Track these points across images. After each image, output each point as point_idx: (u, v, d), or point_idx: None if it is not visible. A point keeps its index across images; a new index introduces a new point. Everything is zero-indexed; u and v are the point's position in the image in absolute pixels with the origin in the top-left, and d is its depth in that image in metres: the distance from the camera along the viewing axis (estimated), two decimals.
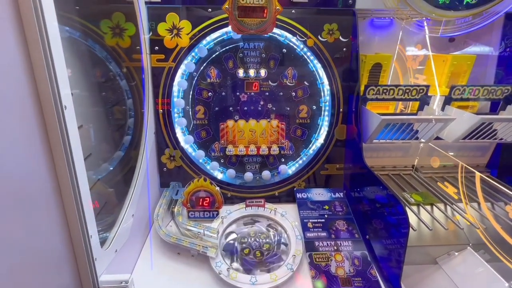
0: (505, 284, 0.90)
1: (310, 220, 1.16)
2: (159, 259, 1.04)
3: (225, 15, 1.13)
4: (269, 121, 1.29)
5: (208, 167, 1.33)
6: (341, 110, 1.28)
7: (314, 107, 1.30)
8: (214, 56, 1.22)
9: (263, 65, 1.24)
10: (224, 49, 1.22)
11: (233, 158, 1.33)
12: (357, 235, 1.11)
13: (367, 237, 1.08)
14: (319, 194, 1.30)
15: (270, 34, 1.19)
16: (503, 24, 1.35)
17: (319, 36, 1.21)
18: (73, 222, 0.67)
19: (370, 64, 1.28)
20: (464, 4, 1.10)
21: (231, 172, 1.32)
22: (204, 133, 1.30)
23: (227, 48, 1.22)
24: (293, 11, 1.18)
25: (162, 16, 1.15)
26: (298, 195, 1.30)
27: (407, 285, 0.94)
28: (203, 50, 1.20)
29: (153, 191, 1.23)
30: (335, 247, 1.05)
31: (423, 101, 1.20)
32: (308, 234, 1.10)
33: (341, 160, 1.34)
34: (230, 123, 1.28)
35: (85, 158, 0.70)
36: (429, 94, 1.18)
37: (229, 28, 1.16)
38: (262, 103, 1.28)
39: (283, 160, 1.35)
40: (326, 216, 1.19)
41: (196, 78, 1.24)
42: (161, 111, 1.24)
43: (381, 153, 1.48)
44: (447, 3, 1.10)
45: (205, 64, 1.23)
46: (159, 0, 1.13)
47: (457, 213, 1.16)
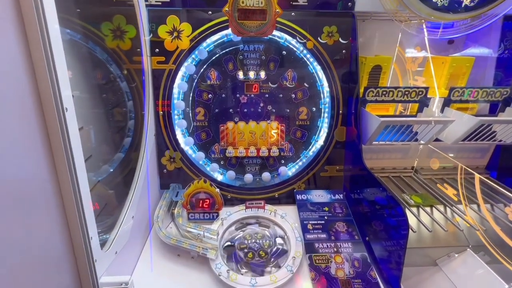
0: (505, 286, 0.90)
1: (310, 222, 1.16)
2: (159, 261, 1.04)
3: (225, 18, 1.14)
4: (269, 123, 1.29)
5: (208, 169, 1.33)
6: (340, 112, 1.28)
7: (314, 109, 1.31)
8: (214, 58, 1.23)
9: (263, 67, 1.25)
10: (224, 51, 1.23)
11: (233, 160, 1.33)
12: (357, 236, 1.11)
13: (367, 238, 1.08)
14: (319, 195, 1.30)
15: (270, 36, 1.20)
16: (502, 25, 1.36)
17: (318, 39, 1.22)
18: (73, 224, 0.68)
19: (370, 66, 1.29)
20: (463, 6, 1.11)
21: (231, 173, 1.33)
22: (204, 134, 1.30)
23: (227, 50, 1.23)
24: (292, 13, 1.19)
25: (162, 18, 1.16)
26: (298, 197, 1.30)
27: (407, 287, 0.94)
28: (203, 52, 1.21)
29: (153, 193, 1.23)
30: (335, 249, 1.05)
31: (423, 103, 1.21)
32: (308, 236, 1.10)
33: (340, 162, 1.34)
34: (230, 124, 1.28)
35: (86, 160, 0.70)
36: (428, 96, 1.19)
37: (229, 31, 1.17)
38: (262, 105, 1.29)
39: (283, 162, 1.35)
40: (326, 217, 1.19)
41: (196, 80, 1.25)
42: (161, 112, 1.25)
43: (380, 154, 1.48)
44: (446, 5, 1.11)
45: (205, 66, 1.24)
46: (160, 3, 1.14)
47: (457, 214, 1.16)
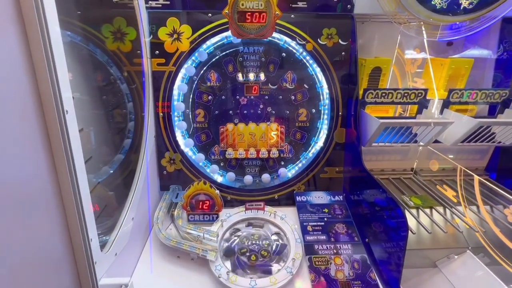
0: None
1: (310, 223, 1.17)
2: (159, 263, 1.04)
3: (225, 20, 1.14)
4: (268, 125, 1.30)
5: (208, 170, 1.33)
6: (340, 113, 1.28)
7: (314, 111, 1.31)
8: (214, 60, 1.24)
9: (262, 69, 1.25)
10: (224, 53, 1.23)
11: (233, 161, 1.34)
12: (357, 238, 1.11)
13: (367, 240, 1.08)
14: (319, 197, 1.30)
15: (270, 38, 1.20)
16: (501, 27, 1.37)
17: (318, 40, 1.22)
18: (73, 225, 0.68)
19: (370, 68, 1.29)
20: (462, 8, 1.11)
21: (231, 175, 1.33)
22: (204, 136, 1.31)
23: (227, 52, 1.23)
24: (292, 15, 1.20)
25: (162, 20, 1.16)
26: (298, 198, 1.30)
27: None
28: (203, 54, 1.21)
29: (153, 194, 1.24)
30: (335, 251, 1.05)
31: (422, 105, 1.21)
32: (307, 237, 1.10)
33: (340, 163, 1.34)
34: (230, 126, 1.28)
35: (86, 161, 0.71)
36: (427, 97, 1.19)
37: (229, 33, 1.17)
38: (261, 106, 1.29)
39: (282, 163, 1.35)
40: (325, 219, 1.19)
41: (196, 82, 1.25)
42: (161, 114, 1.25)
43: (380, 156, 1.49)
44: (445, 8, 1.11)
45: (205, 68, 1.24)
46: (160, 5, 1.15)
47: (456, 216, 1.16)
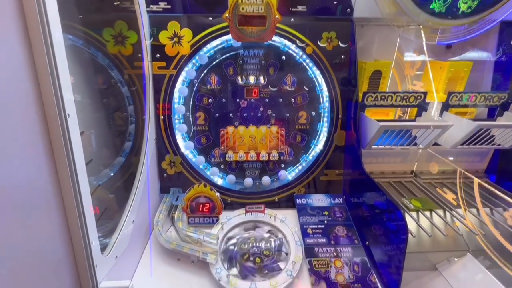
0: None
1: (310, 226, 1.17)
2: (159, 265, 1.04)
3: (226, 24, 1.15)
4: (268, 127, 1.30)
5: (208, 173, 1.34)
6: (340, 116, 1.29)
7: (314, 113, 1.31)
8: (214, 63, 1.24)
9: (262, 72, 1.26)
10: (224, 56, 1.24)
11: (233, 164, 1.34)
12: (357, 241, 1.11)
13: (367, 243, 1.08)
14: (319, 200, 1.30)
15: (270, 42, 1.21)
16: (499, 30, 1.37)
17: (317, 44, 1.23)
18: (74, 228, 0.68)
19: (370, 71, 1.30)
20: (460, 12, 1.12)
21: (231, 177, 1.33)
22: (204, 139, 1.31)
23: (227, 55, 1.24)
24: (292, 19, 1.21)
25: (163, 24, 1.17)
26: (298, 201, 1.30)
27: None
28: (204, 58, 1.22)
29: (153, 197, 1.24)
30: (335, 253, 1.05)
31: (421, 108, 1.22)
32: (307, 240, 1.10)
33: (340, 166, 1.35)
34: (230, 129, 1.29)
35: (86, 164, 0.71)
36: (427, 100, 1.20)
37: (229, 36, 1.18)
38: (261, 109, 1.30)
39: (282, 166, 1.36)
40: (325, 222, 1.19)
41: (196, 85, 1.26)
42: (162, 117, 1.26)
43: (380, 158, 1.49)
44: (443, 11, 1.12)
45: (205, 71, 1.25)
46: (161, 9, 1.16)
47: (456, 219, 1.16)
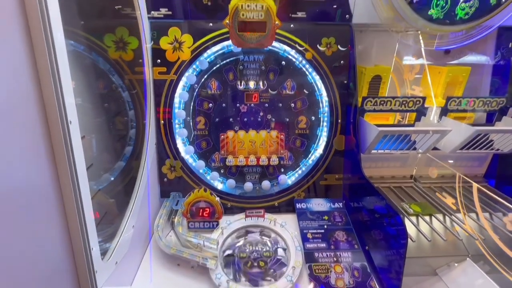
0: None
1: (310, 231, 1.17)
2: (158, 271, 1.03)
3: (226, 30, 1.16)
4: (268, 132, 1.31)
5: (208, 177, 1.34)
6: (339, 121, 1.30)
7: (313, 118, 1.32)
8: (214, 68, 1.25)
9: (262, 77, 1.27)
10: (224, 61, 1.25)
11: (233, 169, 1.34)
12: (357, 246, 1.11)
13: (367, 247, 1.08)
14: (319, 204, 1.31)
15: (270, 47, 1.22)
16: (497, 35, 1.38)
17: (317, 49, 1.24)
18: (75, 234, 0.68)
19: (370, 76, 1.30)
20: (458, 18, 1.14)
21: (231, 182, 1.33)
22: (204, 143, 1.32)
23: (227, 60, 1.25)
24: (291, 25, 1.22)
25: (164, 30, 1.18)
26: (298, 205, 1.30)
27: None
28: (204, 63, 1.23)
29: (153, 201, 1.24)
30: (335, 258, 1.05)
31: (420, 112, 1.22)
32: (307, 245, 1.10)
33: (340, 171, 1.35)
34: (230, 133, 1.29)
35: (87, 169, 0.71)
36: (425, 105, 1.21)
37: (229, 42, 1.19)
38: (261, 114, 1.30)
39: (282, 170, 1.36)
40: (325, 226, 1.19)
41: (197, 90, 1.27)
42: (162, 121, 1.26)
43: (379, 163, 1.50)
44: (441, 18, 1.13)
45: (206, 76, 1.26)
46: (162, 15, 1.17)
47: (456, 224, 1.16)
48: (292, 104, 1.30)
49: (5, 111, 0.52)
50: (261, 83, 1.27)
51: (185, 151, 1.30)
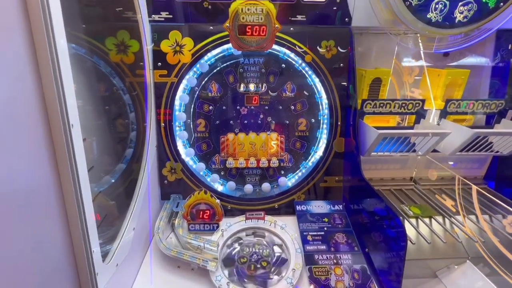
0: None
1: (310, 233, 1.17)
2: (159, 273, 1.04)
3: (226, 33, 1.17)
4: (268, 134, 1.31)
5: (208, 180, 1.34)
6: (339, 123, 1.30)
7: (313, 120, 1.33)
8: (215, 71, 1.26)
9: (262, 79, 1.28)
10: (225, 64, 1.26)
11: (233, 171, 1.35)
12: (357, 248, 1.11)
13: (367, 250, 1.09)
14: (319, 206, 1.31)
15: (270, 50, 1.23)
16: (496, 37, 1.39)
17: (317, 52, 1.25)
18: (76, 237, 0.69)
19: (370, 79, 1.31)
20: (456, 21, 1.14)
21: (231, 184, 1.34)
22: (204, 146, 1.32)
23: (227, 63, 1.26)
24: (291, 28, 1.23)
25: (165, 33, 1.19)
26: (298, 208, 1.30)
27: None
28: (205, 66, 1.24)
29: (153, 204, 1.24)
30: (335, 261, 1.05)
31: (419, 115, 1.23)
32: (307, 247, 1.11)
33: (340, 173, 1.36)
34: (231, 136, 1.30)
35: (88, 171, 0.72)
36: (425, 107, 1.21)
37: (229, 45, 1.20)
38: (261, 116, 1.31)
39: (282, 173, 1.36)
40: (325, 228, 1.19)
41: (197, 92, 1.28)
42: (163, 124, 1.27)
43: (379, 165, 1.50)
44: (440, 20, 1.14)
45: (206, 78, 1.27)
46: (163, 19, 1.18)
47: (456, 226, 1.17)
48: (292, 107, 1.31)
49: (8, 114, 0.52)
50: (261, 86, 1.27)
51: (186, 153, 1.31)
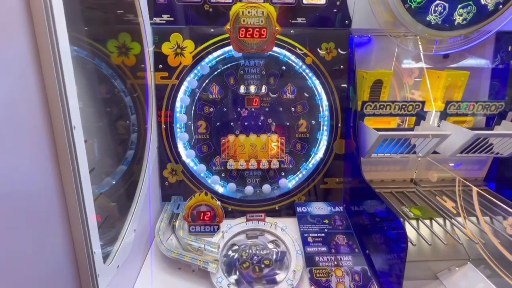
0: None
1: (310, 235, 1.17)
2: (159, 274, 1.04)
3: (227, 35, 1.18)
4: (269, 136, 1.32)
5: (209, 181, 1.34)
6: (339, 125, 1.31)
7: (313, 122, 1.33)
8: (216, 73, 1.27)
9: (263, 81, 1.28)
10: (225, 66, 1.27)
11: (234, 172, 1.35)
12: (357, 249, 1.11)
13: (367, 251, 1.08)
14: (319, 208, 1.31)
15: (270, 52, 1.24)
16: (495, 39, 1.39)
17: (317, 54, 1.26)
18: (77, 238, 0.69)
19: (371, 81, 1.31)
20: (456, 24, 1.15)
21: (232, 186, 1.34)
22: (205, 147, 1.33)
23: (228, 65, 1.27)
24: (292, 31, 1.23)
25: (166, 36, 1.20)
26: (298, 209, 1.30)
27: None
28: (205, 68, 1.24)
29: (154, 205, 1.24)
30: (335, 262, 1.05)
31: (420, 116, 1.23)
32: (308, 249, 1.11)
33: (340, 174, 1.36)
34: (231, 137, 1.30)
35: (89, 172, 0.72)
36: (425, 109, 1.22)
37: (230, 47, 1.21)
38: (262, 118, 1.32)
39: (283, 174, 1.37)
40: (326, 230, 1.19)
41: (198, 94, 1.28)
42: (164, 126, 1.27)
43: (379, 167, 1.50)
44: (439, 23, 1.15)
45: (207, 80, 1.27)
46: (164, 21, 1.19)
47: (456, 227, 1.16)
48: (293, 108, 1.31)
49: (11, 115, 0.53)
50: (262, 88, 1.28)
51: (186, 155, 1.31)
